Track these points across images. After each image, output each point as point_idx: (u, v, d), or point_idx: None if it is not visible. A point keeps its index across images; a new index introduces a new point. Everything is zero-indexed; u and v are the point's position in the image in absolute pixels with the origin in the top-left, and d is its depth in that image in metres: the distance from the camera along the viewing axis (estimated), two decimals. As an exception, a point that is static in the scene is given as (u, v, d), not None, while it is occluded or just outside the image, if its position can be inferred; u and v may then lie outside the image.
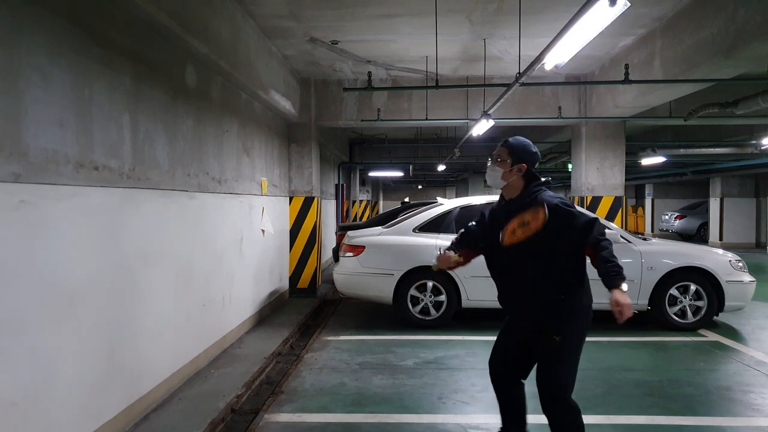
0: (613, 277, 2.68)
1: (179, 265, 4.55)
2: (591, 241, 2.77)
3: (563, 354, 2.83)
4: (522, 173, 2.91)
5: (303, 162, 8.95)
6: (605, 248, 2.74)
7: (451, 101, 8.88)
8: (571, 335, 2.82)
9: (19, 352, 2.69)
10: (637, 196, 26.29)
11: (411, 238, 6.97)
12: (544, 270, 2.83)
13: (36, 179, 2.79)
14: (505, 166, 2.92)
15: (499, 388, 3.18)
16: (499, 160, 2.94)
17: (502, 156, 2.94)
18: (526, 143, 2.97)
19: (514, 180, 2.93)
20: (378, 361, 5.47)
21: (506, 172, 2.92)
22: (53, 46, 2.95)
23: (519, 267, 2.91)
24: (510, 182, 2.93)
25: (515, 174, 2.91)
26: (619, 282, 2.67)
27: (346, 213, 17.02)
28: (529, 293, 2.91)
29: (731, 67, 5.43)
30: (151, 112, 4.07)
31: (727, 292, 6.52)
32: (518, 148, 2.92)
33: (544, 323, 2.86)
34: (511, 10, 5.66)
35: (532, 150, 2.95)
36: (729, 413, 4.20)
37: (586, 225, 2.78)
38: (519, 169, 2.90)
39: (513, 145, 2.94)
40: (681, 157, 14.04)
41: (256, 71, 6.21)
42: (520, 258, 2.88)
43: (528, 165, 2.90)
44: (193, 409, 4.05)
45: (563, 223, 2.76)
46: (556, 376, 2.85)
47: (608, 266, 2.71)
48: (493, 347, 3.23)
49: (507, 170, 2.91)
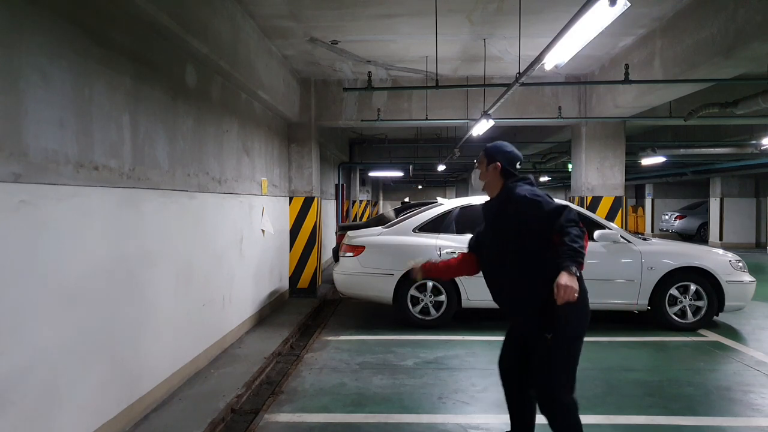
0: (566, 258, 2.63)
1: (179, 265, 4.55)
2: (556, 227, 2.75)
3: (555, 352, 2.82)
4: (498, 171, 3.07)
5: (303, 162, 8.96)
6: (568, 234, 2.68)
7: (451, 101, 8.88)
8: (563, 333, 2.81)
9: (19, 352, 2.69)
10: (637, 196, 26.29)
11: (411, 238, 6.97)
12: (526, 266, 2.89)
13: (36, 179, 2.79)
14: (482, 167, 3.15)
15: (508, 389, 3.20)
16: (477, 163, 3.19)
17: (480, 159, 3.17)
18: (500, 144, 3.16)
19: (491, 179, 3.10)
20: (378, 361, 5.47)
21: (483, 173, 3.14)
22: (53, 46, 2.95)
23: (503, 264, 3.01)
24: (488, 181, 3.12)
25: (491, 173, 3.09)
26: (569, 263, 2.60)
27: (346, 213, 17.02)
28: (514, 291, 2.98)
29: (731, 67, 5.43)
30: (151, 112, 4.07)
31: (727, 292, 6.52)
32: (492, 150, 3.13)
33: (533, 321, 2.87)
34: (511, 10, 5.67)
35: (506, 150, 3.11)
36: (729, 413, 4.20)
37: (552, 212, 2.80)
38: (494, 167, 3.08)
39: (488, 148, 3.16)
40: (681, 157, 14.04)
41: (256, 71, 6.21)
42: (503, 255, 2.98)
43: (502, 163, 3.06)
44: (193, 409, 4.05)
45: (531, 212, 2.85)
46: (548, 375, 2.85)
47: (564, 248, 2.66)
48: (501, 347, 3.28)
49: (483, 171, 3.14)
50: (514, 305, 3.04)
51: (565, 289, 2.56)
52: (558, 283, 2.58)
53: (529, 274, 2.88)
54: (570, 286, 2.56)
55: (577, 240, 2.66)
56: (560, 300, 2.58)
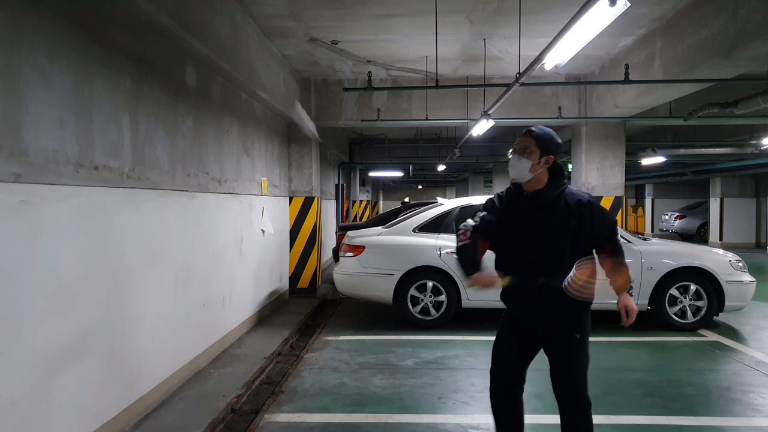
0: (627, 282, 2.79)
1: (179, 265, 4.55)
2: (612, 243, 2.83)
3: (584, 349, 2.82)
4: (549, 165, 2.77)
5: (303, 162, 8.95)
6: (622, 254, 2.84)
7: (451, 101, 8.88)
8: (587, 331, 2.84)
9: (19, 352, 2.69)
10: (637, 196, 26.28)
11: (411, 238, 6.97)
12: (563, 265, 2.70)
13: (36, 179, 2.79)
14: (533, 158, 2.74)
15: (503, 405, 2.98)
16: (521, 150, 2.77)
17: (529, 147, 2.76)
18: (553, 134, 2.82)
19: (541, 172, 2.77)
20: (378, 361, 5.46)
21: (534, 165, 2.74)
22: (53, 46, 2.95)
23: (540, 261, 2.77)
24: (537, 174, 2.77)
25: (542, 166, 2.76)
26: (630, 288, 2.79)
27: (346, 213, 17.01)
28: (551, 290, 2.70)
29: (731, 67, 5.43)
30: (151, 112, 4.07)
31: (727, 292, 6.52)
32: (546, 139, 2.77)
33: (566, 321, 2.79)
34: (511, 10, 5.66)
35: (558, 141, 2.82)
36: (729, 413, 4.20)
37: (612, 226, 2.87)
38: (546, 161, 2.76)
39: (540, 136, 2.77)
40: (681, 157, 14.05)
41: (256, 71, 6.21)
42: (543, 252, 2.76)
43: (555, 157, 2.78)
44: (193, 409, 4.05)
45: (595, 220, 2.78)
46: (580, 373, 2.82)
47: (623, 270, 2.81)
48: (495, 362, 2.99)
49: (535, 162, 2.74)
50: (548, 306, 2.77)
51: (633, 313, 2.72)
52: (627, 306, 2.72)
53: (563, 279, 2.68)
54: (636, 310, 2.73)
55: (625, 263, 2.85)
56: (628, 323, 2.72)
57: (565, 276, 2.66)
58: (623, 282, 2.79)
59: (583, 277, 2.60)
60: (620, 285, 2.79)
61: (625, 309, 2.73)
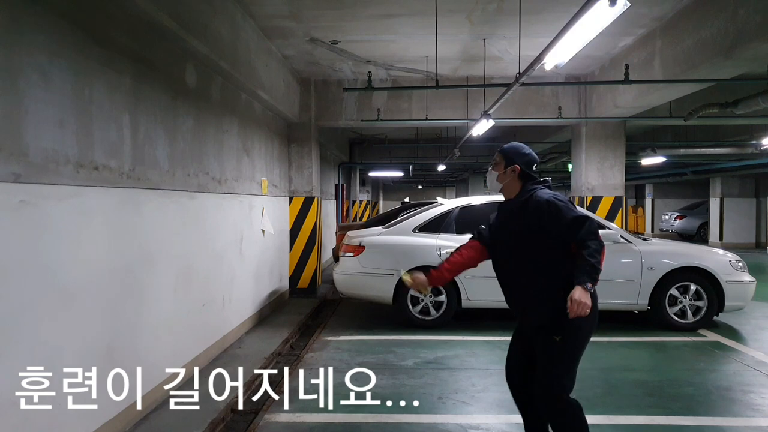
0: (582, 273, 2.68)
1: (179, 265, 4.55)
2: (577, 238, 2.77)
3: (562, 354, 2.82)
4: (516, 174, 3.02)
5: (303, 162, 8.96)
6: (588, 247, 2.73)
7: (451, 101, 8.88)
8: (571, 335, 2.80)
9: (19, 352, 2.69)
10: (637, 196, 26.28)
11: (411, 238, 6.97)
12: (541, 267, 2.87)
13: (36, 179, 2.79)
14: (499, 169, 3.06)
15: (512, 388, 3.16)
16: (493, 164, 3.11)
17: (496, 160, 3.09)
18: (518, 146, 3.10)
19: (510, 181, 3.04)
20: (378, 361, 5.46)
21: (500, 175, 3.06)
22: (53, 46, 2.95)
23: (517, 268, 2.98)
24: (506, 184, 3.06)
25: (509, 176, 3.03)
26: (585, 279, 2.66)
27: (346, 213, 17.01)
28: (528, 292, 2.94)
29: (731, 67, 5.44)
30: (151, 112, 4.07)
31: (727, 292, 6.51)
32: (510, 152, 3.07)
33: (544, 322, 2.85)
34: (511, 10, 5.66)
35: (524, 152, 3.06)
36: (729, 413, 4.20)
37: (573, 221, 2.80)
38: (512, 170, 3.02)
39: (505, 149, 3.10)
40: (681, 157, 14.04)
41: (256, 71, 6.21)
42: (518, 258, 2.96)
43: (521, 166, 3.00)
44: (193, 409, 4.04)
45: (552, 217, 2.82)
46: (554, 377, 2.83)
47: (582, 263, 2.71)
48: (509, 347, 3.21)
49: (501, 173, 3.06)
50: (526, 309, 2.99)
51: (578, 305, 2.62)
52: (572, 298, 2.63)
53: (543, 280, 2.85)
54: (583, 302, 2.62)
55: (595, 255, 2.72)
56: (572, 314, 2.64)
57: (548, 276, 2.84)
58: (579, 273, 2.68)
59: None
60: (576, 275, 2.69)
61: (570, 300, 2.63)
